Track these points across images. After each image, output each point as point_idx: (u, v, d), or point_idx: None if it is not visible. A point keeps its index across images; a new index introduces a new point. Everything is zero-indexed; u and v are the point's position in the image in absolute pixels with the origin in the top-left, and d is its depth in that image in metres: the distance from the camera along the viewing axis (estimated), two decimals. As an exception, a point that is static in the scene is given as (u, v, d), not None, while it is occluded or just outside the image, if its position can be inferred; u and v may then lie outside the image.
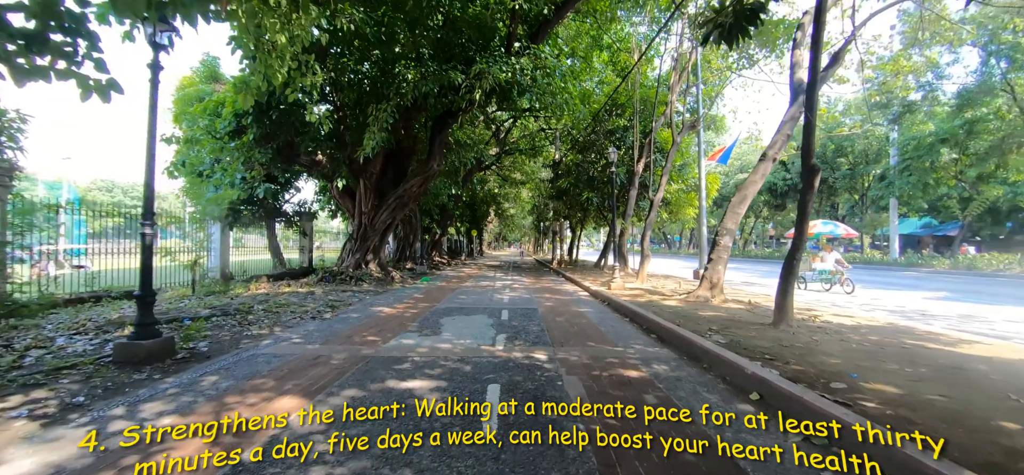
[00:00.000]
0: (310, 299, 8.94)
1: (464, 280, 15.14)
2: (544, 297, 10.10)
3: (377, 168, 13.47)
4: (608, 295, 9.55)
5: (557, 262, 22.57)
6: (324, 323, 6.70)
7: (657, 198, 12.16)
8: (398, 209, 14.23)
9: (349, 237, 14.25)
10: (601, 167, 17.37)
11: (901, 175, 25.28)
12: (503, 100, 12.85)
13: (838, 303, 9.31)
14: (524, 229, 60.92)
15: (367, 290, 11.05)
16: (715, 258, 8.57)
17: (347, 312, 7.64)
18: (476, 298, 9.75)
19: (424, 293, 10.77)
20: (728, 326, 5.95)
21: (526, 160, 33.11)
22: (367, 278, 12.96)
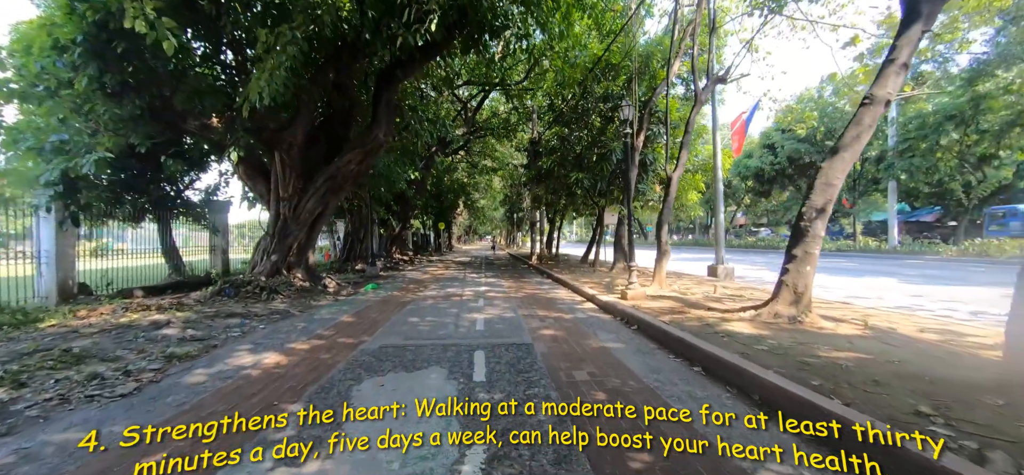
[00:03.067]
0: (152, 337, 5.35)
1: (425, 286, 11.74)
2: (536, 316, 6.89)
3: (300, 138, 9.81)
4: (628, 310, 6.46)
5: (536, 258, 19.46)
6: (103, 410, 3.23)
7: (676, 175, 9.16)
8: (331, 194, 10.62)
9: (264, 233, 10.55)
10: (590, 142, 14.28)
11: (902, 156, 23.58)
12: (471, 41, 9.49)
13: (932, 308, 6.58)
14: (495, 221, 57.59)
15: (273, 311, 7.49)
16: (800, 255, 5.59)
17: (185, 374, 4.14)
18: (434, 322, 6.42)
19: (359, 313, 7.33)
20: (933, 388, 2.93)
21: (497, 144, 29.82)
22: (286, 289, 9.35)
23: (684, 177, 15.84)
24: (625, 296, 7.59)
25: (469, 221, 63.25)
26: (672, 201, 9.28)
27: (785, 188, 35.00)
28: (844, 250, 25.91)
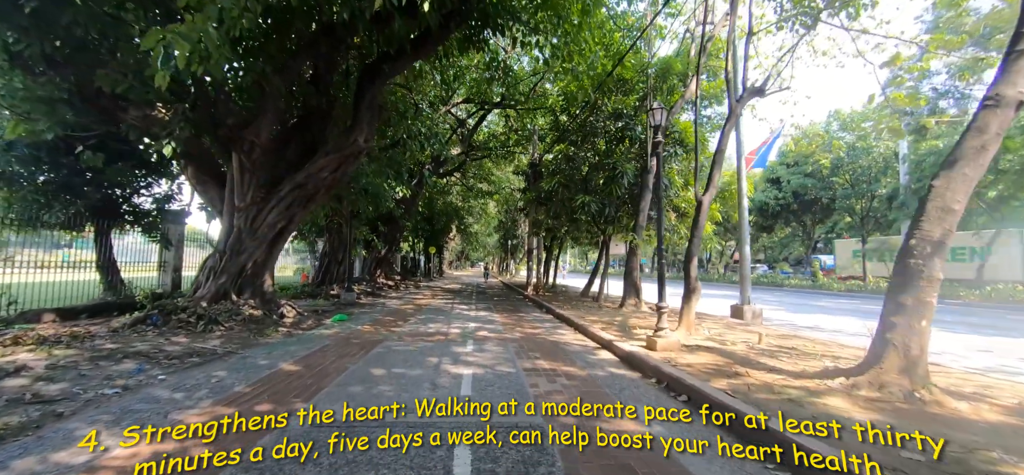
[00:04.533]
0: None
1: (404, 319, 10.02)
2: (541, 372, 5.23)
3: (263, 137, 8.24)
4: (663, 367, 4.84)
5: (533, 288, 17.81)
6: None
7: (707, 198, 7.70)
8: (299, 206, 9.00)
9: (213, 250, 8.84)
10: (597, 163, 12.90)
11: (915, 195, 22.52)
12: (471, 35, 8.13)
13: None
14: (488, 248, 55.88)
15: (196, 351, 5.75)
16: (911, 304, 4.04)
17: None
18: (403, 378, 4.74)
19: (307, 359, 5.62)
20: None
21: (494, 168, 28.52)
22: (230, 319, 7.60)
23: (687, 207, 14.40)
24: (653, 345, 5.98)
25: (462, 246, 61.57)
26: (702, 228, 7.79)
27: (788, 223, 33.98)
28: (854, 290, 24.56)
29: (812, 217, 31.32)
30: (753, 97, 8.20)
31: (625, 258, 13.71)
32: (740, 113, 8.06)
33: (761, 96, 8.26)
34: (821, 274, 31.54)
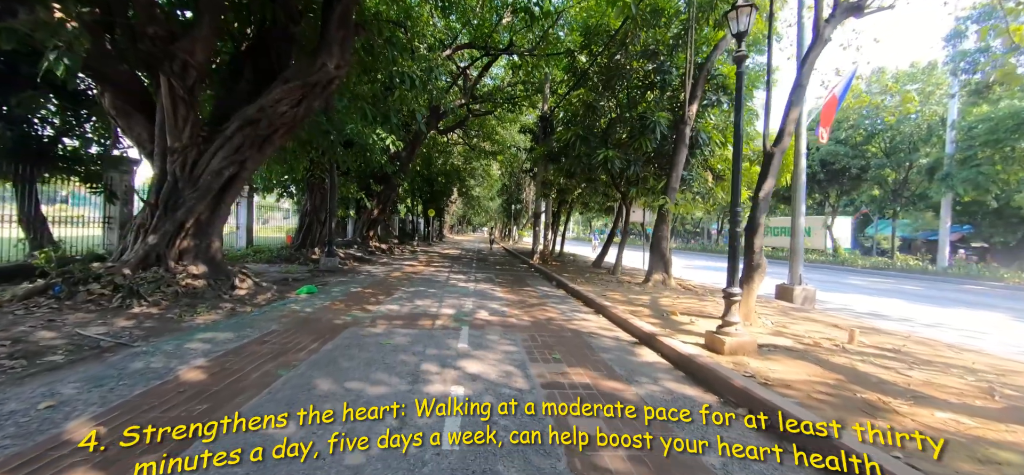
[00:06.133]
0: None
1: (388, 291, 8.33)
2: (567, 388, 3.53)
3: (198, 54, 6.26)
4: (751, 388, 3.13)
5: (539, 256, 16.08)
6: None
7: (780, 150, 5.84)
8: (253, 148, 7.13)
9: (144, 203, 7.03)
10: (623, 112, 10.88)
11: (962, 166, 20.41)
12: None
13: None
14: (491, 213, 53.87)
15: (79, 345, 4.06)
16: None
17: None
18: (357, 395, 3.05)
19: (233, 354, 3.93)
20: None
21: (498, 126, 26.32)
22: (158, 290, 5.90)
23: (724, 168, 12.40)
24: (717, 346, 4.26)
25: (463, 210, 59.69)
26: (770, 190, 5.95)
27: (811, 194, 31.80)
28: (881, 268, 22.76)
29: (839, 188, 29.15)
30: (848, 16, 6.15)
31: (648, 226, 11.90)
32: (829, 37, 6.07)
33: (858, 15, 6.22)
34: (842, 250, 29.76)
